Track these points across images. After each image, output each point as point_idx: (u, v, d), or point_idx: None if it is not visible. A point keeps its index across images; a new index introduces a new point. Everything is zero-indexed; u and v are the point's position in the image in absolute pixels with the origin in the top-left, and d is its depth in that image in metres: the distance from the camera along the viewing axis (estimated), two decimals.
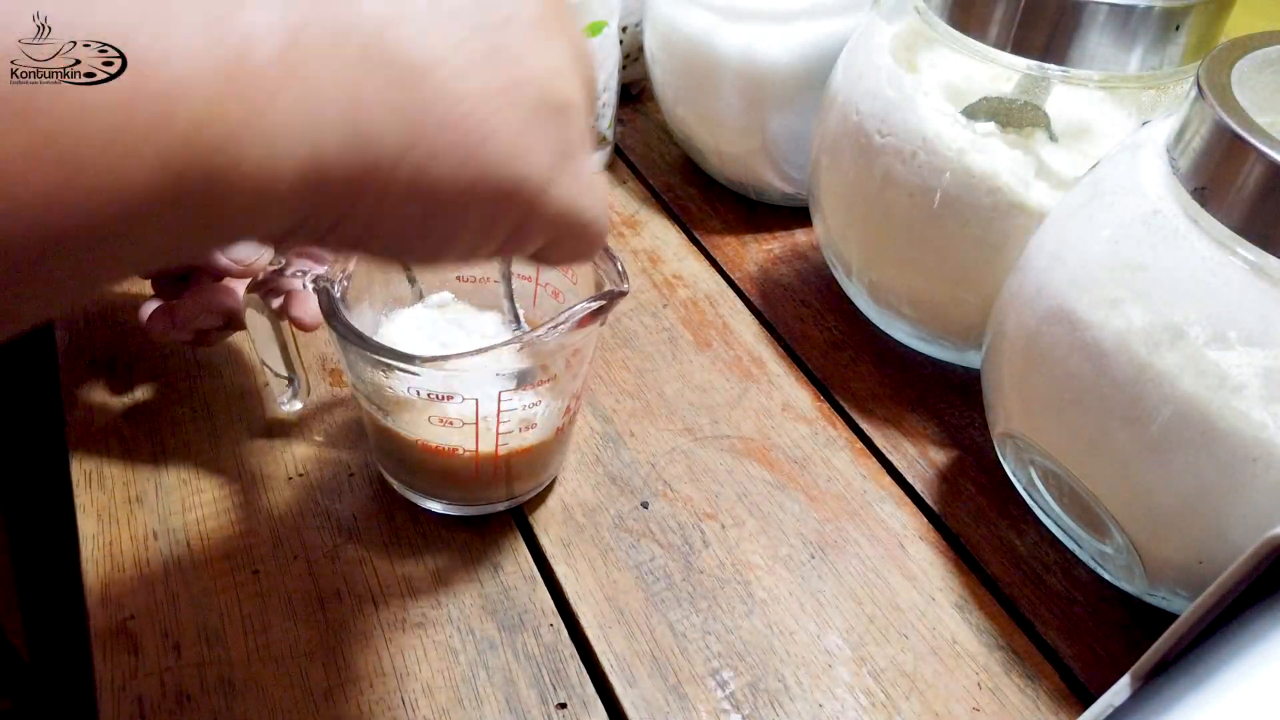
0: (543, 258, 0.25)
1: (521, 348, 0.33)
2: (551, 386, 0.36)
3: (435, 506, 0.40)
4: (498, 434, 0.36)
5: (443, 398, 0.35)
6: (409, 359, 0.33)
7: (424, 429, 0.36)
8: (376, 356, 0.34)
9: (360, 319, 0.39)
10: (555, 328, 0.33)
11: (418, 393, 0.35)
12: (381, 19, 0.19)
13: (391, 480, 0.41)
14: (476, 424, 0.36)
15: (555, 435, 0.39)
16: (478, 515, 0.40)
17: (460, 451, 0.37)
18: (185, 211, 0.17)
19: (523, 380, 0.35)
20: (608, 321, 0.50)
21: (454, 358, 0.33)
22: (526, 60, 0.21)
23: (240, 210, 0.18)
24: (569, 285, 0.39)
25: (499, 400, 0.35)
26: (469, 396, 0.35)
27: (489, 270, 0.41)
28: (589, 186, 0.24)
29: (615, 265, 0.36)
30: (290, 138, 0.18)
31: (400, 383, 0.35)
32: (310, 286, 0.36)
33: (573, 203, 0.23)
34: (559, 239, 0.24)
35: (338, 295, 0.36)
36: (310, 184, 0.18)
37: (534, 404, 0.36)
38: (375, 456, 0.42)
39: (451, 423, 0.36)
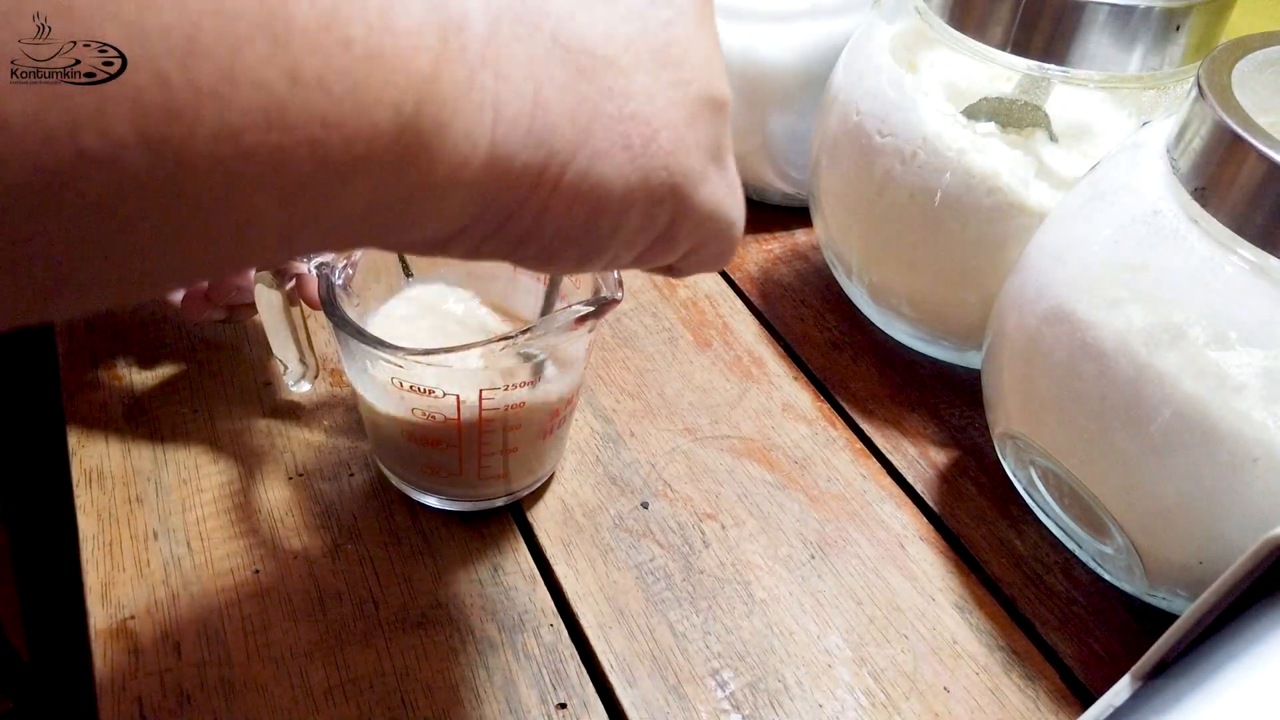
0: (679, 269, 0.25)
1: (504, 348, 0.33)
2: (537, 389, 0.36)
3: (432, 501, 0.40)
4: (481, 431, 0.36)
5: (425, 391, 0.35)
6: (392, 349, 0.33)
7: (408, 420, 0.36)
8: (363, 345, 0.34)
9: (365, 306, 0.39)
10: (541, 330, 0.33)
11: (401, 384, 0.35)
12: (568, 9, 0.19)
13: (388, 473, 0.41)
14: (459, 420, 0.36)
15: (544, 437, 0.39)
16: (475, 511, 0.40)
17: (444, 445, 0.37)
18: (395, 166, 0.17)
19: (507, 380, 0.35)
20: (607, 323, 0.50)
21: (436, 352, 0.33)
22: (690, 58, 0.21)
23: (433, 184, 0.18)
24: (573, 290, 0.39)
25: (480, 398, 0.35)
26: (450, 392, 0.35)
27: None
28: (731, 185, 0.24)
29: (613, 272, 0.36)
30: (485, 119, 0.18)
31: (384, 372, 0.35)
32: (313, 271, 0.36)
33: (718, 203, 0.23)
34: (701, 244, 0.24)
35: (338, 282, 0.36)
36: (494, 171, 0.18)
37: (517, 405, 0.36)
38: (370, 448, 0.42)
39: (434, 417, 0.36)
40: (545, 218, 0.20)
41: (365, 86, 0.16)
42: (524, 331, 0.33)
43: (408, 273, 0.41)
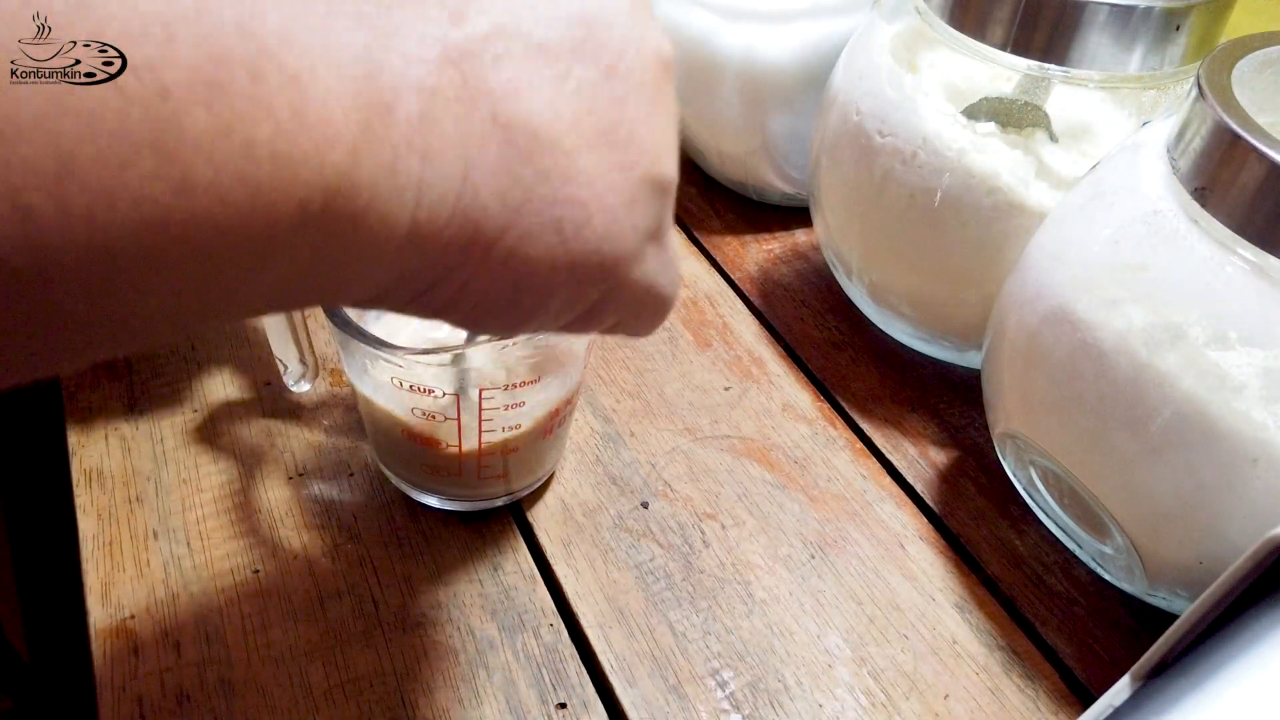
0: (609, 331, 0.25)
1: (505, 347, 0.33)
2: (536, 388, 0.36)
3: (431, 501, 0.40)
4: (480, 430, 0.36)
5: (424, 390, 0.35)
6: (392, 349, 0.33)
7: (408, 420, 0.36)
8: (363, 345, 0.34)
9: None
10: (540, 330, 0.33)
11: (400, 383, 0.35)
12: (513, 86, 0.19)
13: (388, 473, 0.41)
14: (458, 419, 0.36)
15: (544, 437, 0.39)
16: (475, 511, 0.40)
17: (444, 445, 0.37)
18: (306, 247, 0.17)
19: (507, 380, 0.35)
20: None
21: (436, 352, 0.33)
22: (638, 139, 0.21)
23: (349, 260, 0.18)
24: None
25: (480, 397, 0.35)
26: (449, 392, 0.35)
27: None
28: (668, 262, 0.23)
29: None
30: (406, 201, 0.17)
31: (383, 372, 0.35)
32: None
33: (653, 281, 0.23)
34: (632, 316, 0.24)
35: None
36: (416, 246, 0.18)
37: (517, 404, 0.36)
38: (371, 448, 0.42)
39: (434, 416, 0.36)
40: (467, 290, 0.20)
41: (267, 187, 0.15)
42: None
43: None
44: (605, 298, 0.22)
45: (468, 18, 0.18)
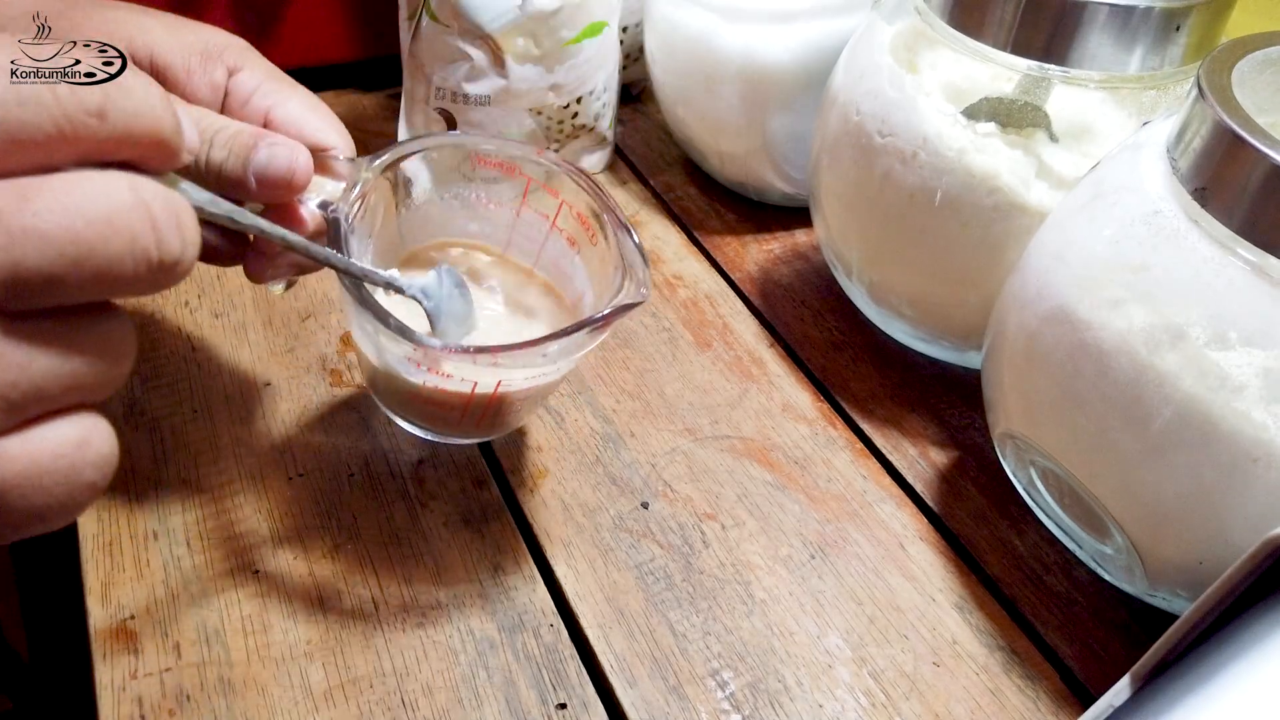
0: None
1: (528, 350, 0.33)
2: (548, 371, 0.37)
3: (417, 432, 0.42)
4: (488, 405, 0.38)
5: (443, 374, 0.35)
6: (416, 342, 0.32)
7: (421, 388, 0.37)
8: (391, 332, 0.32)
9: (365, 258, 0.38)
10: (570, 336, 0.33)
11: (417, 364, 0.35)
12: None
13: (380, 405, 0.42)
14: (472, 394, 0.36)
15: (543, 401, 0.41)
16: (446, 444, 0.43)
17: (451, 407, 0.38)
18: None
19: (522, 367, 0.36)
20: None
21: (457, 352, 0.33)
22: None
23: None
24: (586, 240, 0.39)
25: (497, 386, 0.36)
26: (468, 379, 0.35)
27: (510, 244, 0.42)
28: (29, 473, 0.19)
29: (638, 270, 0.35)
30: None
31: (403, 350, 0.35)
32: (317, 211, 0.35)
33: None
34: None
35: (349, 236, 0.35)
36: None
37: (529, 388, 0.37)
38: (367, 385, 0.43)
39: (446, 390, 0.36)
40: None
41: None
42: (549, 338, 0.33)
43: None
44: None
45: None
